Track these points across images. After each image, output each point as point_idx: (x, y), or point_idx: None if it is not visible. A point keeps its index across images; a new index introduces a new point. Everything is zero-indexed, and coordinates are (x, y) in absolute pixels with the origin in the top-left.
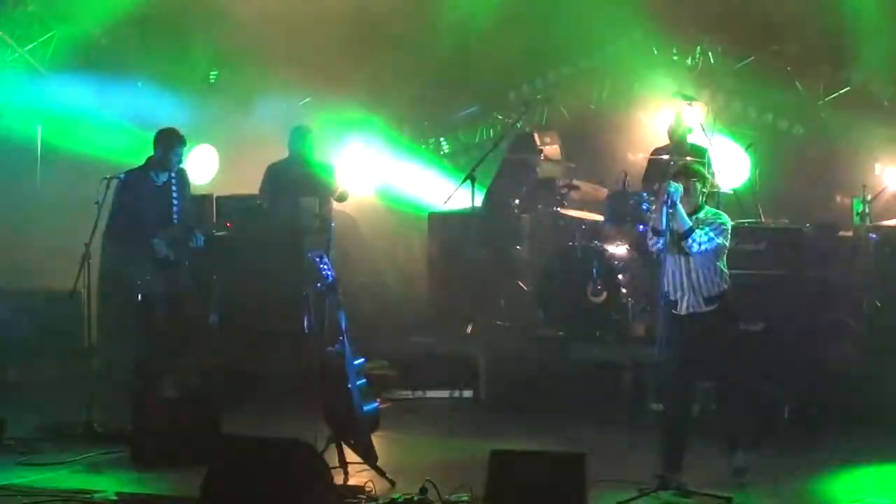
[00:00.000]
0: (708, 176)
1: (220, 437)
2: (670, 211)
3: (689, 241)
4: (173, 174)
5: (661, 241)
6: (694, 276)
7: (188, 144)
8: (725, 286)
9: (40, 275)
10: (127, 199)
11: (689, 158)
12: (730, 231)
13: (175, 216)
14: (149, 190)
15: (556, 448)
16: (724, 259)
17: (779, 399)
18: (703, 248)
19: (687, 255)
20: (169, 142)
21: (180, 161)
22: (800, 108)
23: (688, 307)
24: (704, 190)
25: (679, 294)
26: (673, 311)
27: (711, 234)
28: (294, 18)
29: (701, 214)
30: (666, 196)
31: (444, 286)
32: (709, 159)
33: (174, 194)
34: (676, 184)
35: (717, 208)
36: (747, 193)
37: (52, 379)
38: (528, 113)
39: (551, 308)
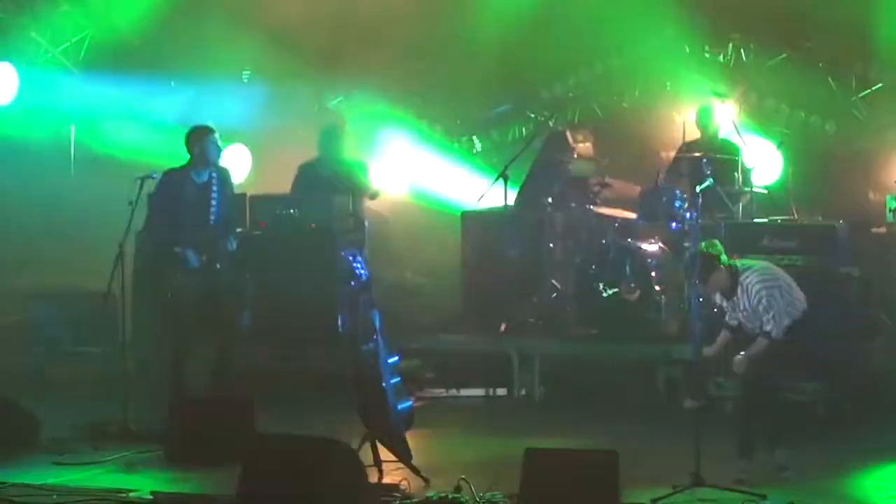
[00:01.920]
0: (723, 255)
1: (254, 435)
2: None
3: (769, 336)
4: (214, 174)
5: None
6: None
7: (227, 144)
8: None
9: (74, 275)
10: (164, 198)
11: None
12: (760, 284)
13: (212, 217)
14: (188, 189)
15: (590, 446)
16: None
17: (813, 396)
18: (780, 329)
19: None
20: (200, 135)
21: (219, 151)
22: (832, 104)
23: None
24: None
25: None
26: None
27: (772, 314)
28: (326, 17)
29: (743, 281)
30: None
31: (478, 285)
32: (741, 156)
33: (214, 194)
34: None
35: (751, 206)
36: (780, 191)
37: (88, 378)
38: (560, 111)
39: (585, 306)
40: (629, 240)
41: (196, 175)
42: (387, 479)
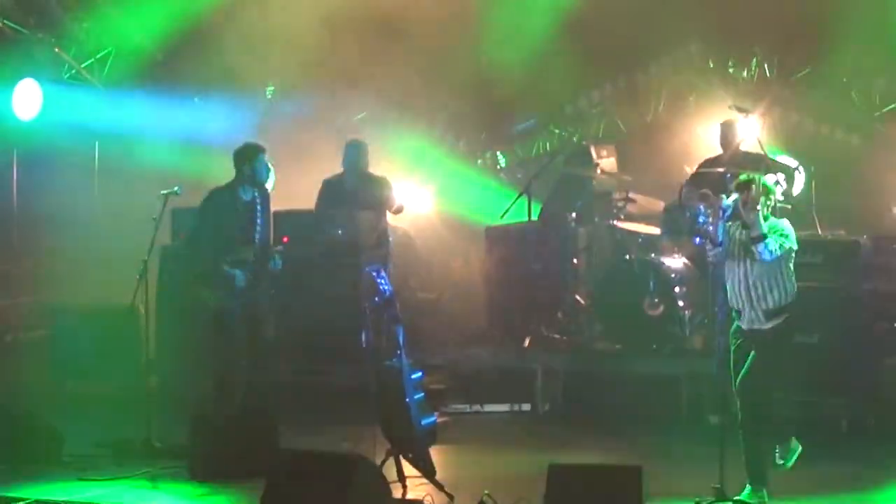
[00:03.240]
0: (771, 187)
1: (278, 451)
2: (734, 219)
3: (761, 247)
4: (258, 193)
5: (719, 251)
6: (755, 287)
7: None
8: (789, 299)
9: (98, 290)
10: (210, 216)
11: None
12: (793, 234)
13: (257, 236)
14: (234, 207)
15: (614, 461)
16: (791, 267)
17: (836, 411)
18: (774, 255)
19: (749, 265)
20: (251, 154)
21: (268, 171)
22: (856, 119)
23: (749, 322)
24: (769, 202)
25: (740, 305)
26: (737, 321)
27: (781, 241)
28: (350, 33)
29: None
30: (725, 207)
31: (501, 300)
32: (765, 172)
33: (258, 213)
34: (736, 196)
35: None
36: (803, 205)
37: (111, 394)
38: (584, 126)
39: (608, 321)
40: (652, 255)
41: (243, 193)
42: (411, 495)
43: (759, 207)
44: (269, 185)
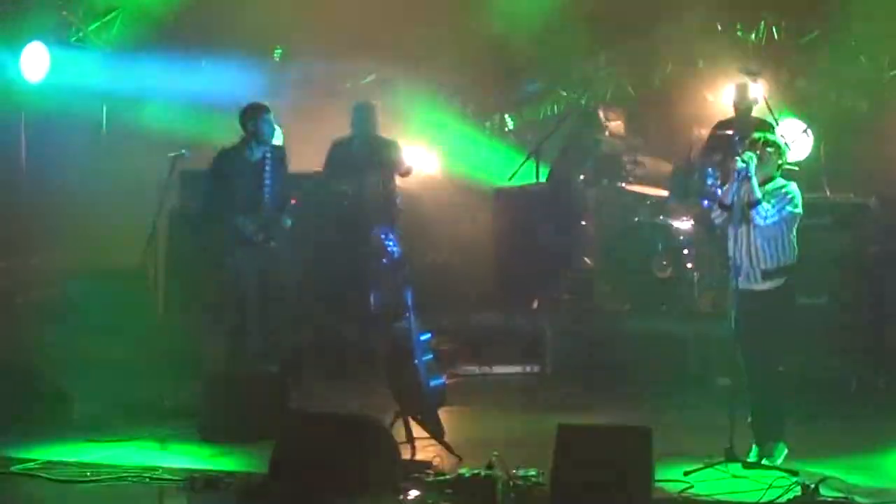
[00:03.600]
0: (784, 147)
1: (288, 412)
2: (743, 182)
3: (754, 212)
4: (268, 152)
5: (725, 215)
6: (754, 248)
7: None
8: (788, 262)
9: (108, 252)
10: (219, 175)
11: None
12: (798, 198)
13: (266, 195)
14: (242, 166)
15: (623, 422)
16: (795, 231)
17: (844, 372)
18: (767, 221)
19: (750, 226)
20: (253, 113)
21: (272, 129)
22: (865, 83)
23: (746, 279)
24: (780, 161)
25: (739, 264)
26: (735, 279)
27: (778, 207)
28: None
29: (770, 186)
30: (739, 169)
31: (510, 262)
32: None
33: (267, 172)
34: (751, 153)
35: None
36: (813, 168)
37: (121, 356)
38: (592, 89)
39: (617, 283)
40: (661, 217)
41: (249, 153)
42: (419, 456)
43: (769, 169)
44: (277, 142)
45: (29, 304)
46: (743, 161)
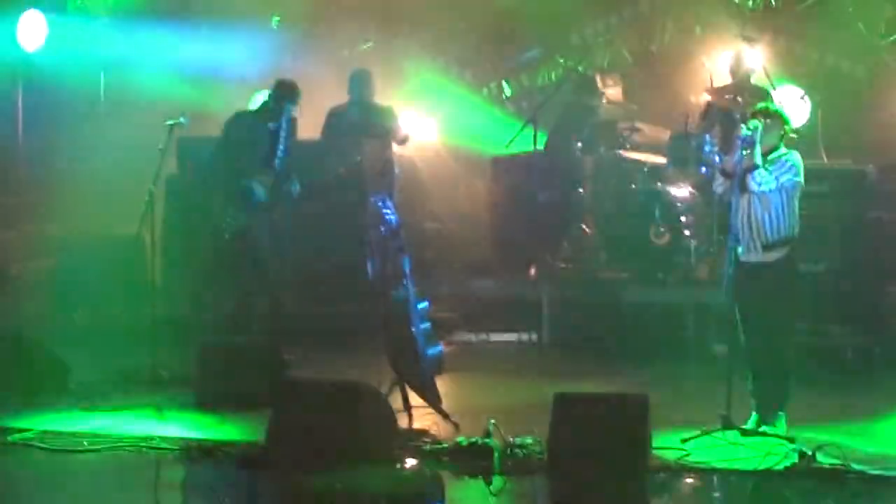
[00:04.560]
0: (787, 117)
1: (285, 380)
2: (746, 152)
3: (750, 177)
4: (286, 121)
5: (727, 184)
6: (755, 219)
7: (257, 90)
8: (787, 233)
9: (105, 220)
10: (232, 138)
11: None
12: (799, 168)
13: (276, 161)
14: (259, 132)
15: (620, 390)
16: (796, 201)
17: (841, 340)
18: (762, 188)
19: (750, 195)
20: (292, 95)
21: (289, 117)
22: (862, 49)
23: (746, 251)
24: (782, 132)
25: (740, 234)
26: (736, 249)
27: (777, 175)
28: None
29: (772, 155)
30: (744, 136)
31: (507, 229)
32: (771, 101)
33: (282, 140)
34: (756, 122)
35: None
36: (810, 135)
37: (118, 324)
38: (590, 56)
39: (614, 251)
40: (658, 184)
41: (270, 122)
42: (416, 424)
43: (773, 140)
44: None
45: (25, 273)
46: (749, 129)
